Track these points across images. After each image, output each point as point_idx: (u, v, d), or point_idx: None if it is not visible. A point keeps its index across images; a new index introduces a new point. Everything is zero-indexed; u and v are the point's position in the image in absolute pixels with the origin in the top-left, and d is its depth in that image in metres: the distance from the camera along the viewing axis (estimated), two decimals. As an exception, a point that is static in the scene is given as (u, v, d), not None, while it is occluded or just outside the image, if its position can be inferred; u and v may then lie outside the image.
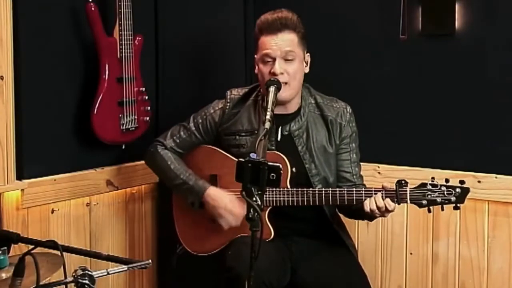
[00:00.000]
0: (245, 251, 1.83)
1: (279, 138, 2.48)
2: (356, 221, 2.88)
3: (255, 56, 2.48)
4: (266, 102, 2.28)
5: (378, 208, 2.28)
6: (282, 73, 2.37)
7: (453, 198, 2.28)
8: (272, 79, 2.36)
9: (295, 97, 2.48)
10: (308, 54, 2.50)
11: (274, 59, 2.39)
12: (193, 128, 2.58)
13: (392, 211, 2.29)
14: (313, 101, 2.54)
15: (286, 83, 2.38)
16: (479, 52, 2.76)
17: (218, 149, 2.55)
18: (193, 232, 2.56)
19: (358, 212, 2.41)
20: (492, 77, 2.74)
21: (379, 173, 2.98)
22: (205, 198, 2.46)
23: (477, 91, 2.78)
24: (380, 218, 2.39)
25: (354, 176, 2.54)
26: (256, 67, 2.48)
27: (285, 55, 2.39)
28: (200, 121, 2.58)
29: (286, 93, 2.39)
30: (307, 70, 2.50)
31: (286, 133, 2.49)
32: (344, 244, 2.50)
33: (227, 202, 2.44)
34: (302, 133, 2.49)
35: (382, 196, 2.28)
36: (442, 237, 2.88)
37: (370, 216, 2.38)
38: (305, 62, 2.48)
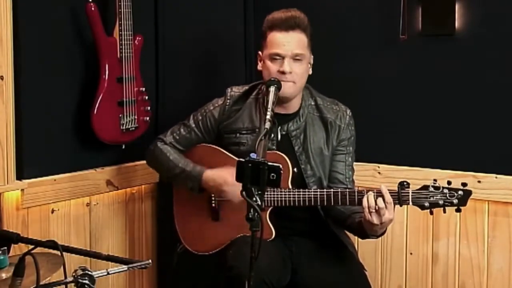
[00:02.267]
0: (246, 250, 1.83)
1: (279, 138, 2.48)
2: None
3: (260, 52, 2.48)
4: (266, 102, 2.28)
5: (377, 206, 2.24)
6: (290, 72, 2.38)
7: (455, 201, 2.27)
8: (272, 78, 2.35)
9: (296, 97, 2.48)
10: (312, 56, 2.50)
11: (283, 57, 2.39)
12: (193, 125, 2.58)
13: (388, 216, 2.23)
14: (313, 103, 2.54)
15: (294, 82, 2.39)
16: (479, 52, 2.76)
17: (218, 147, 2.55)
18: (193, 231, 2.56)
19: (351, 226, 2.41)
20: (492, 77, 2.74)
21: (379, 173, 2.98)
22: (204, 181, 2.45)
23: (477, 91, 2.78)
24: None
25: (347, 179, 2.53)
26: (260, 63, 2.48)
27: (295, 55, 2.39)
28: (200, 118, 2.58)
29: (290, 89, 2.39)
30: (310, 71, 2.50)
31: (284, 133, 2.49)
32: (343, 244, 2.50)
33: (226, 177, 2.40)
34: (299, 133, 2.49)
35: (374, 196, 2.25)
36: (442, 237, 2.88)
37: (361, 231, 2.35)
38: (309, 63, 2.48)
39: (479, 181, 2.74)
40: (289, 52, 2.38)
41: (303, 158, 2.47)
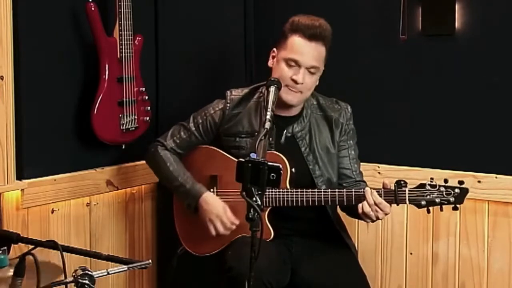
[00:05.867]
0: (246, 251, 1.83)
1: (283, 140, 2.48)
2: (356, 221, 2.87)
3: (275, 49, 2.46)
4: (266, 102, 2.28)
5: (370, 205, 2.27)
6: (302, 83, 2.38)
7: (452, 199, 2.28)
8: (272, 79, 2.35)
9: None
10: (323, 69, 2.48)
11: (299, 66, 2.38)
12: (193, 129, 2.58)
13: (385, 211, 2.28)
14: (315, 102, 2.55)
15: (301, 92, 2.40)
16: (479, 52, 2.76)
17: (218, 149, 2.55)
18: (193, 232, 2.56)
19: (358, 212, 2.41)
20: (492, 77, 2.74)
21: (379, 173, 2.98)
22: (200, 202, 2.46)
23: (477, 91, 2.78)
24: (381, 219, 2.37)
25: (354, 173, 2.55)
26: (272, 60, 2.47)
27: (311, 67, 2.39)
28: (200, 121, 2.58)
29: (295, 99, 2.41)
30: (317, 82, 2.49)
31: (290, 135, 2.49)
32: (344, 244, 2.51)
33: (219, 210, 2.43)
34: (305, 134, 2.49)
35: (371, 193, 2.27)
36: (442, 237, 2.88)
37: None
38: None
39: (479, 181, 2.74)
40: (307, 63, 2.38)
41: (310, 159, 2.48)
